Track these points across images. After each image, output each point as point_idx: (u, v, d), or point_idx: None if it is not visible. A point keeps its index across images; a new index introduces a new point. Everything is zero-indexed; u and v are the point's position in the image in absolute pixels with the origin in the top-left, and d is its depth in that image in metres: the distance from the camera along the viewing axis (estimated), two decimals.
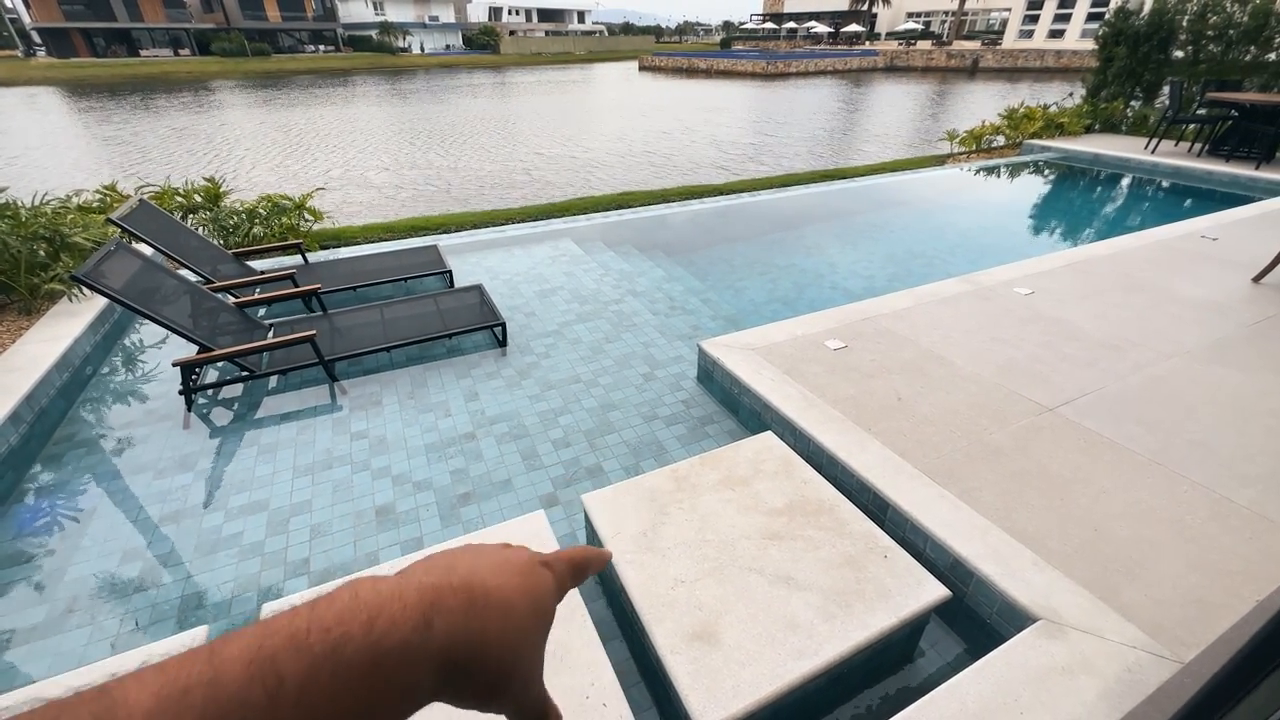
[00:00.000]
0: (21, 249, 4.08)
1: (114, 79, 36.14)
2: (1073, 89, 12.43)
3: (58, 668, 2.01)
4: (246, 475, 2.88)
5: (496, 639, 0.29)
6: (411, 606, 0.27)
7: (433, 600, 0.27)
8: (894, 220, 7.59)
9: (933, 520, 2.18)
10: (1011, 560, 2.02)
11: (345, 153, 14.61)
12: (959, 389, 3.04)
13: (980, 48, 42.55)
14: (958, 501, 2.26)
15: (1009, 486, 2.39)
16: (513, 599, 0.30)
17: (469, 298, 4.27)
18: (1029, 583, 1.93)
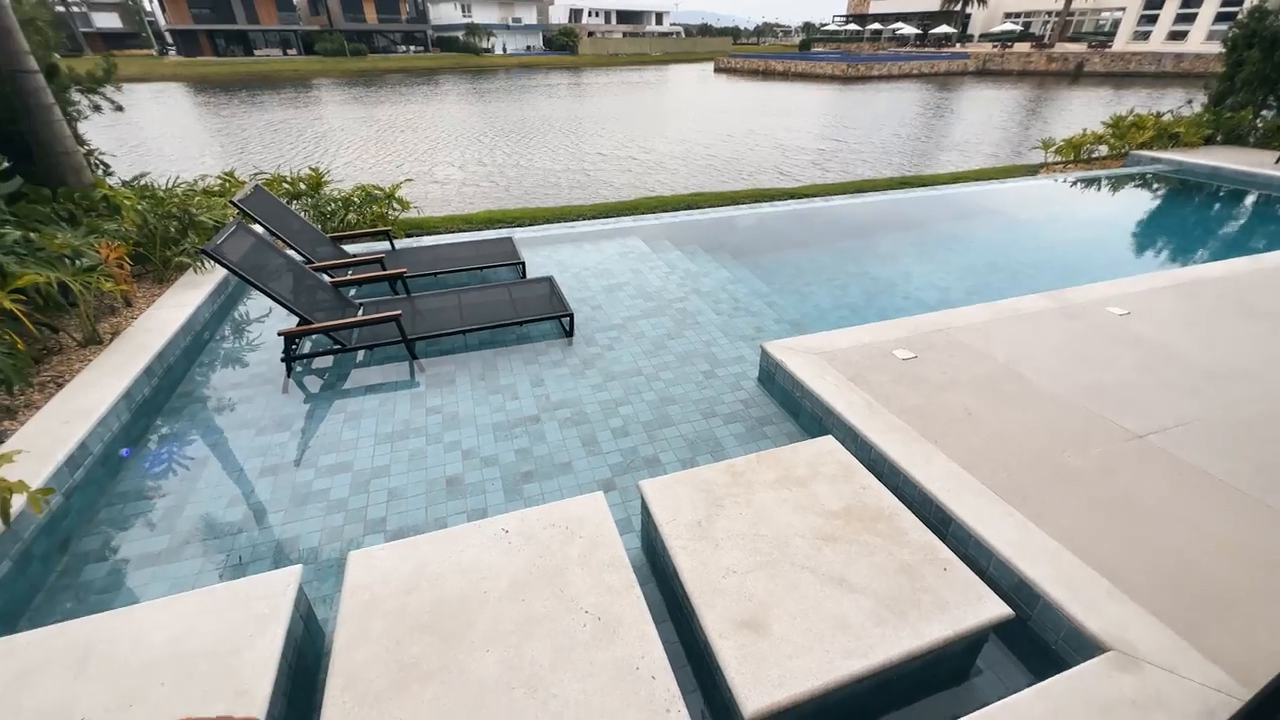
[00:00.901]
0: (158, 226, 4.60)
1: (230, 76, 39.63)
2: (1192, 97, 11.37)
3: (174, 590, 2.29)
4: (334, 438, 3.15)
5: None
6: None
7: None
8: (976, 231, 7.24)
9: (999, 538, 2.10)
10: (1084, 587, 1.93)
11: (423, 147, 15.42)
12: (1036, 408, 2.90)
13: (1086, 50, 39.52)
14: (1027, 522, 2.17)
15: (1087, 512, 2.27)
16: None
17: (540, 288, 4.45)
18: (1102, 611, 1.84)
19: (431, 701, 1.56)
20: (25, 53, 4.33)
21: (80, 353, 3.52)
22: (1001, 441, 2.65)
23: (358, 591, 1.91)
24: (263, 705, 1.56)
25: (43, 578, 2.35)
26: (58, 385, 3.18)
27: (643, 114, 22.47)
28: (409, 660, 1.67)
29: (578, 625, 1.76)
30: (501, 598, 1.87)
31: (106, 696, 1.59)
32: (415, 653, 1.69)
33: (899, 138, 16.40)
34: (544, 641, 1.71)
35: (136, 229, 4.56)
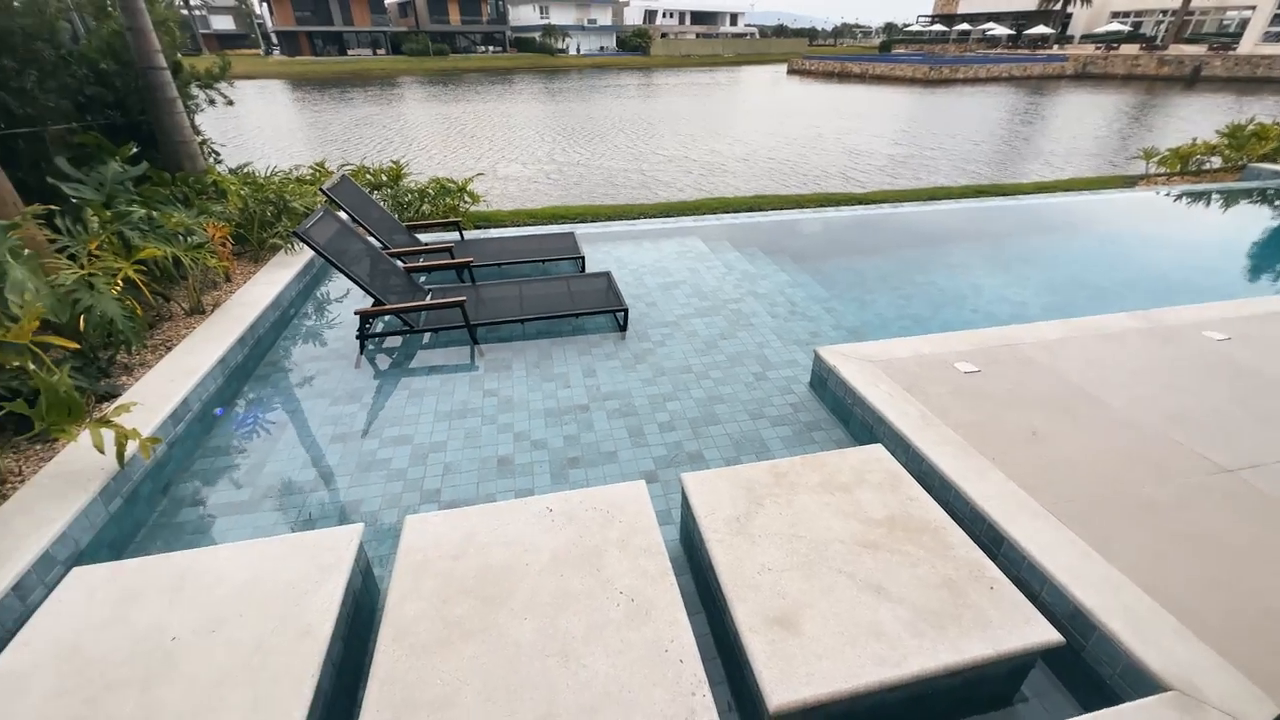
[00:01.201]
0: (257, 210, 5.04)
1: (325, 74, 42.44)
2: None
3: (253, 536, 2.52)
4: (398, 413, 3.36)
5: None
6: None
7: None
8: (1059, 245, 6.80)
9: (1055, 563, 2.00)
10: (1148, 622, 1.81)
11: (490, 144, 15.98)
12: (1110, 433, 2.72)
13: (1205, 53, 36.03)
14: (1089, 550, 2.06)
15: (1158, 546, 2.12)
16: None
17: (598, 283, 4.55)
18: (1166, 650, 1.72)
19: (472, 659, 1.67)
20: (156, 51, 4.84)
21: (186, 320, 3.91)
22: (1068, 465, 2.51)
23: (412, 553, 2.05)
24: (323, 644, 1.72)
25: (146, 516, 2.64)
26: (166, 348, 3.55)
27: (708, 115, 22.35)
28: (454, 619, 1.78)
29: (611, 604, 1.82)
30: (541, 571, 1.96)
31: (194, 621, 1.79)
32: (459, 613, 1.80)
33: (977, 145, 15.52)
34: (578, 616, 1.78)
35: (239, 212, 5.01)
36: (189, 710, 1.55)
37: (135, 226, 3.71)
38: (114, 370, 3.33)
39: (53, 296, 2.79)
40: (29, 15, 4.30)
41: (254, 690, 1.60)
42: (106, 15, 5.09)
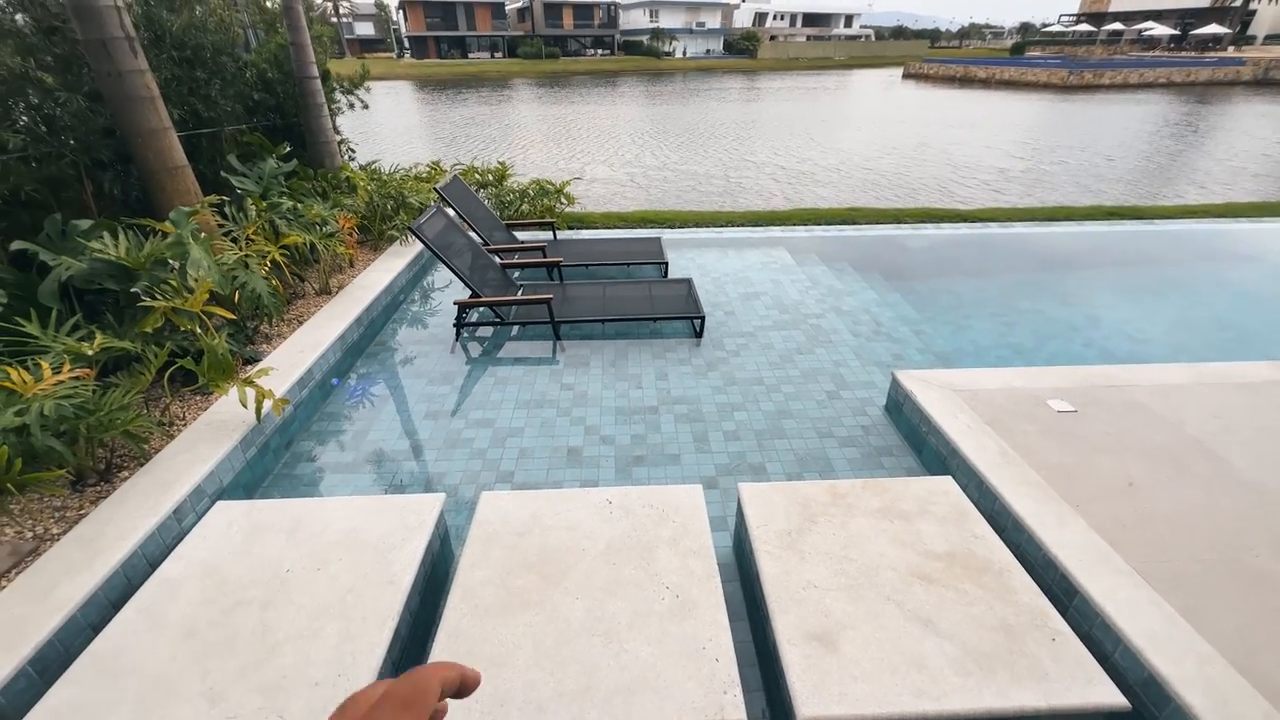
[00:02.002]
0: (380, 204, 5.63)
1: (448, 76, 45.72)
2: None
3: (354, 493, 2.88)
4: (483, 398, 3.66)
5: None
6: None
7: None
8: (1205, 279, 6.05)
9: (1133, 625, 1.87)
10: (1237, 704, 1.65)
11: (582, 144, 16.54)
12: (1225, 493, 2.45)
13: None
14: (1175, 615, 1.89)
15: (1263, 623, 1.91)
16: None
17: (678, 289, 4.67)
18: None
19: (527, 627, 1.84)
20: (311, 63, 5.55)
21: (316, 300, 4.47)
22: (1166, 522, 2.30)
23: (484, 525, 2.27)
24: (404, 594, 1.96)
25: (272, 465, 3.09)
26: (299, 322, 4.09)
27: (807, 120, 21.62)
28: (515, 589, 1.97)
29: (656, 597, 1.93)
30: (596, 557, 2.10)
31: (304, 559, 2.11)
32: (520, 585, 1.99)
33: (1110, 161, 13.87)
34: (625, 603, 1.91)
35: (365, 205, 5.63)
36: (295, 632, 1.84)
37: (283, 216, 4.30)
38: (257, 338, 3.89)
39: (219, 272, 3.32)
40: (219, 33, 5.09)
41: (347, 624, 1.87)
42: (275, 31, 5.90)
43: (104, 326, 3.06)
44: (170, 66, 4.62)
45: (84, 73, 3.88)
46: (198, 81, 4.81)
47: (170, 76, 4.59)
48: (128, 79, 3.60)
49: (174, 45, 4.64)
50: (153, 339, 3.05)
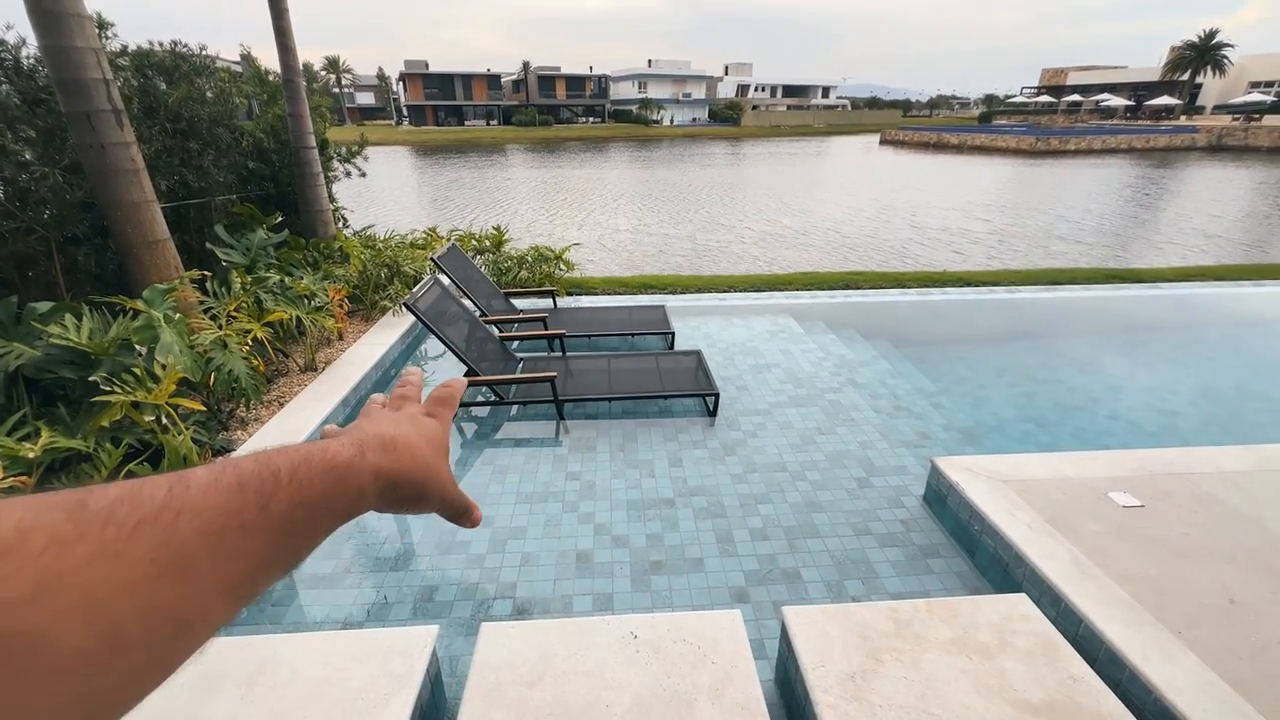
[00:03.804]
0: (373, 273, 5.42)
1: (444, 142, 47.34)
2: None
3: (334, 617, 2.48)
4: (481, 490, 3.30)
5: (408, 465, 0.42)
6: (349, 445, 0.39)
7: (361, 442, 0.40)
8: (1215, 344, 5.96)
9: None
10: None
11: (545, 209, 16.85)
12: None
13: None
14: None
15: None
16: (412, 440, 0.44)
17: (687, 361, 4.42)
18: None
19: None
20: (309, 133, 5.47)
21: (300, 377, 4.16)
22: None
23: (485, 671, 1.89)
24: None
25: None
26: (280, 405, 3.77)
27: (782, 185, 22.25)
28: None
29: None
30: (624, 716, 1.73)
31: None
32: None
33: (1069, 223, 14.15)
34: None
35: (357, 274, 5.42)
36: None
37: (269, 290, 4.04)
38: (232, 424, 3.54)
39: (191, 358, 3.02)
40: (217, 104, 5.02)
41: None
42: (275, 103, 5.87)
43: (55, 420, 2.72)
44: (162, 138, 4.49)
45: (66, 145, 3.70)
46: (190, 152, 4.68)
47: (161, 148, 4.44)
48: (111, 152, 3.42)
49: (169, 117, 4.53)
50: (109, 434, 2.71)
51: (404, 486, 0.42)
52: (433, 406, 0.51)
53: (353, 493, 0.37)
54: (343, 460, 0.37)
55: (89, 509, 0.26)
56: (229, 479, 0.31)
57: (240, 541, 0.30)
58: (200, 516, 0.29)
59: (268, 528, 0.32)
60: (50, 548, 0.24)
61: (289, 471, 0.34)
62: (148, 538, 0.26)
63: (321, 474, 0.35)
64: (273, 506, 0.32)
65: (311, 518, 0.35)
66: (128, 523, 0.26)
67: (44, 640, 0.22)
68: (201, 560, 0.28)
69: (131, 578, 0.25)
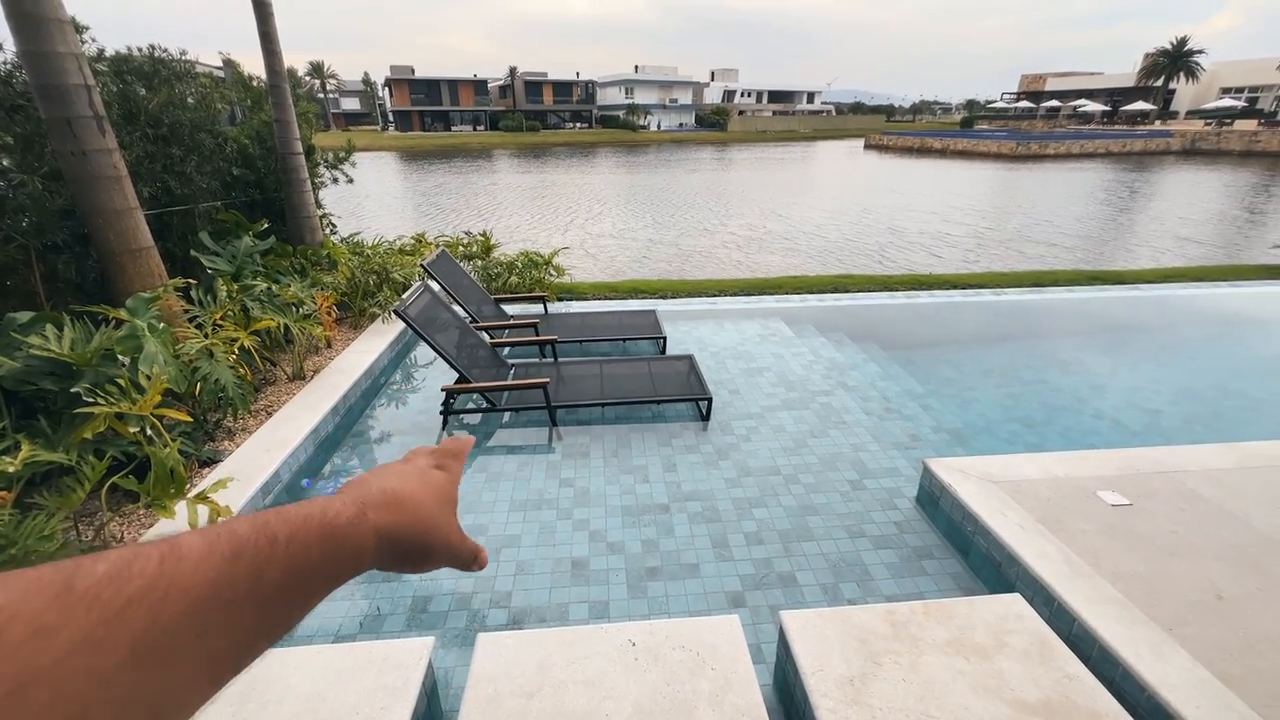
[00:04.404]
0: (361, 280, 5.37)
1: (430, 147, 47.13)
2: None
3: (326, 629, 2.44)
4: (474, 498, 3.27)
5: (411, 522, 0.41)
6: (350, 504, 0.38)
7: (363, 501, 0.39)
8: (1194, 343, 6.08)
9: None
10: None
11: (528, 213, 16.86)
12: None
13: None
14: None
15: None
16: (418, 495, 0.43)
17: (679, 366, 4.43)
18: None
19: None
20: (296, 139, 5.42)
21: (288, 386, 4.10)
22: (1273, 646, 2.01)
23: (482, 683, 1.86)
24: None
25: None
26: (268, 414, 3.71)
27: (765, 190, 22.35)
28: None
29: None
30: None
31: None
32: None
33: (1050, 226, 14.40)
34: None
35: (345, 281, 5.36)
36: None
37: (256, 298, 3.99)
38: (219, 434, 3.48)
39: (176, 367, 2.96)
40: (199, 110, 4.95)
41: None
42: (260, 109, 5.80)
43: (35, 433, 2.65)
44: (144, 144, 4.42)
45: (45, 152, 3.63)
46: (173, 158, 4.61)
47: (143, 154, 4.37)
48: (92, 158, 3.35)
49: (149, 123, 4.46)
50: (92, 446, 2.64)
51: (408, 543, 0.41)
52: (441, 459, 0.51)
53: (349, 556, 0.37)
54: (342, 521, 0.37)
55: (75, 592, 0.24)
56: (223, 549, 0.30)
57: (228, 615, 0.29)
58: (188, 593, 0.27)
59: (260, 598, 0.31)
60: (30, 640, 0.22)
61: (286, 538, 0.33)
62: (132, 622, 0.25)
63: (319, 539, 0.35)
64: (266, 576, 0.31)
65: (306, 585, 0.34)
66: (112, 605, 0.25)
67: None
68: (186, 643, 0.27)
69: (110, 666, 0.24)
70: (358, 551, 0.37)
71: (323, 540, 0.35)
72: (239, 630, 0.30)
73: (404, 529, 0.41)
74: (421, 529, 0.42)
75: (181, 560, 0.28)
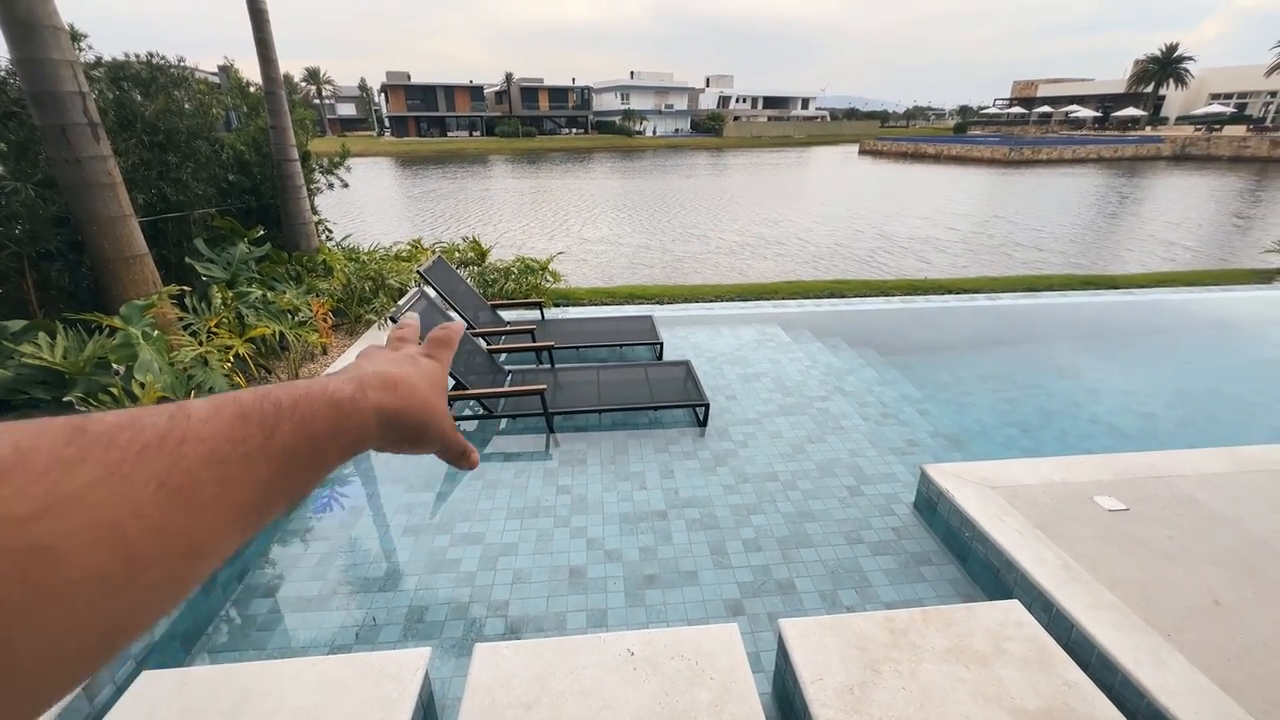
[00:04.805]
0: (357, 286, 5.35)
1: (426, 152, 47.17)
2: None
3: (321, 640, 2.42)
4: (470, 506, 3.26)
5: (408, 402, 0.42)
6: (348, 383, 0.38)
7: (361, 381, 0.40)
8: (1187, 347, 6.13)
9: None
10: None
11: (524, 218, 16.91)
12: None
13: None
14: None
15: None
16: (412, 378, 0.44)
17: (676, 372, 4.42)
18: None
19: None
20: (292, 146, 5.41)
21: None
22: (1270, 652, 2.01)
23: (479, 693, 1.85)
24: None
25: (219, 605, 2.60)
26: None
27: (759, 195, 22.39)
28: None
29: None
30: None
31: None
32: None
33: (1038, 232, 14.45)
34: None
35: (341, 287, 5.35)
36: None
37: (251, 305, 3.97)
38: None
39: (172, 375, 2.95)
40: (196, 117, 4.94)
41: None
42: (257, 115, 5.80)
43: None
44: (139, 151, 4.41)
45: (39, 159, 3.61)
46: (168, 165, 4.60)
47: (139, 161, 4.36)
48: (87, 165, 3.34)
49: (145, 129, 4.45)
50: None
51: (405, 424, 0.42)
52: (431, 348, 0.51)
53: (354, 428, 0.37)
54: (344, 396, 0.37)
55: (89, 433, 0.25)
56: (230, 410, 0.31)
57: (246, 469, 0.30)
58: (204, 443, 0.28)
59: (273, 456, 0.31)
60: (54, 468, 0.23)
61: (290, 405, 0.33)
62: (153, 462, 0.26)
63: (324, 408, 0.35)
64: (277, 436, 0.32)
65: (317, 449, 0.34)
66: (131, 448, 0.26)
67: (57, 556, 0.22)
68: (209, 485, 0.28)
69: (140, 500, 0.25)
70: (362, 424, 0.38)
71: (328, 409, 0.35)
72: (257, 485, 0.30)
73: (402, 409, 0.41)
74: (419, 410, 0.43)
75: (190, 417, 0.29)
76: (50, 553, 0.22)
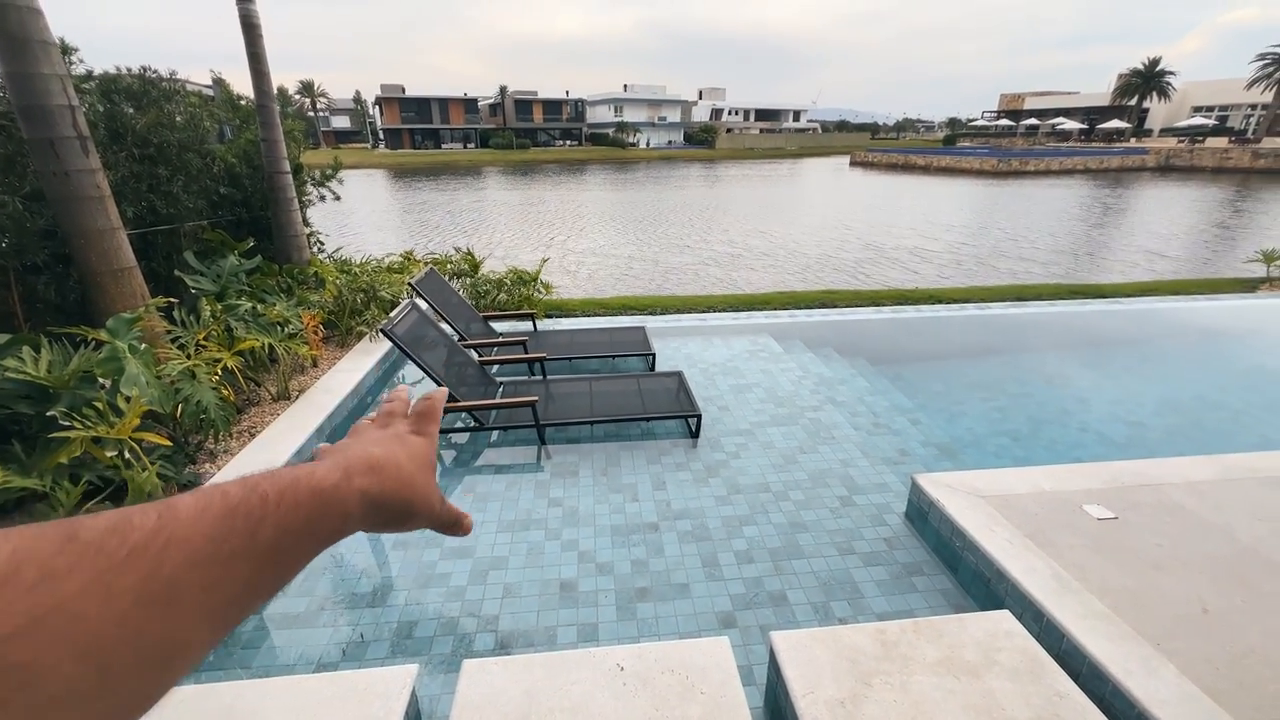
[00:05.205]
0: (348, 298, 5.34)
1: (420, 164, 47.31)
2: None
3: (307, 658, 2.38)
4: None
5: (393, 485, 0.42)
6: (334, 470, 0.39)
7: (346, 465, 0.40)
8: (1174, 356, 6.19)
9: None
10: None
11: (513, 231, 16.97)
12: None
13: None
14: None
15: None
16: (398, 459, 0.44)
17: (669, 383, 4.43)
18: None
19: None
20: (284, 158, 5.42)
21: (273, 406, 4.04)
22: (1260, 660, 2.02)
23: (467, 711, 1.82)
24: None
25: None
26: (251, 435, 3.65)
27: (749, 207, 22.49)
28: None
29: None
30: None
31: None
32: None
33: (1020, 242, 14.59)
34: None
35: (333, 299, 5.33)
36: None
37: (241, 318, 3.95)
38: (200, 457, 3.42)
39: (159, 388, 2.92)
40: (188, 130, 4.94)
41: None
42: (248, 127, 5.80)
43: (9, 459, 2.59)
44: (129, 164, 4.40)
45: (27, 172, 3.60)
46: (159, 178, 4.58)
47: (128, 174, 4.35)
48: (75, 179, 3.33)
49: (136, 143, 4.44)
50: (67, 471, 2.59)
51: (390, 506, 0.42)
52: (416, 423, 0.51)
53: (337, 517, 0.38)
54: (328, 484, 0.38)
55: (80, 540, 0.26)
56: (217, 507, 0.31)
57: (227, 569, 0.30)
58: (188, 544, 0.29)
59: (255, 554, 0.32)
60: (43, 581, 0.24)
61: (276, 498, 0.34)
62: (137, 569, 0.27)
63: (308, 499, 0.36)
64: (260, 533, 0.32)
65: (298, 543, 0.35)
66: (118, 554, 0.26)
67: (36, 673, 0.22)
68: (189, 590, 0.28)
69: (121, 609, 0.25)
70: (344, 514, 0.38)
71: (311, 501, 0.36)
72: (236, 584, 0.31)
73: (386, 492, 0.42)
74: (404, 492, 0.43)
75: (178, 516, 0.30)
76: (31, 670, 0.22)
